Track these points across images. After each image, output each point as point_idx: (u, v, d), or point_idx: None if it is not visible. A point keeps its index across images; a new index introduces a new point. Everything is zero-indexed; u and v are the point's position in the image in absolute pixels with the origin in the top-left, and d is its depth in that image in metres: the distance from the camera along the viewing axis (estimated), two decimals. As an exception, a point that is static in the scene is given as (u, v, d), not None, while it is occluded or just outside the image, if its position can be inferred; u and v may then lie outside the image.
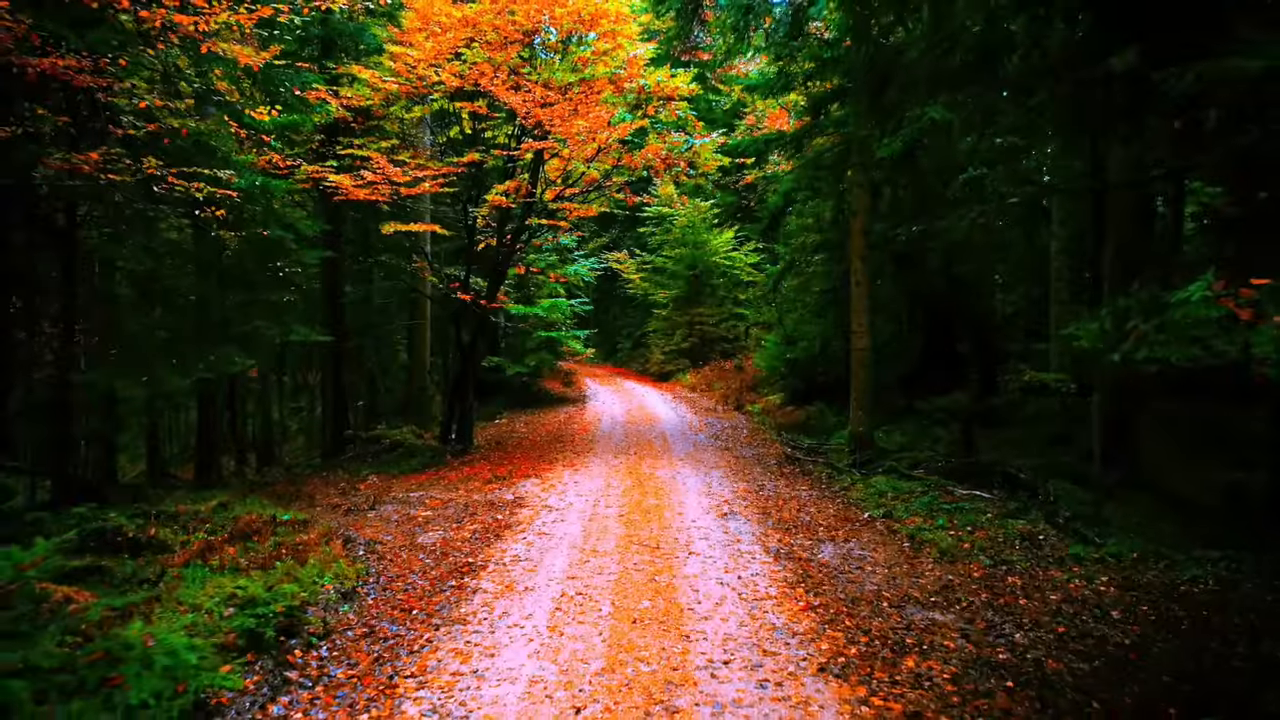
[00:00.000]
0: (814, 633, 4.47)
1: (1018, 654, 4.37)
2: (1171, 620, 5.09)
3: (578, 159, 11.96)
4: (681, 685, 3.74)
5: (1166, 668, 4.33)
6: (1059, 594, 5.47)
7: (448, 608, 4.94)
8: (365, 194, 10.20)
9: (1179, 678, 4.20)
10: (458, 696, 3.65)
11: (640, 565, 5.74)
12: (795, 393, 15.43)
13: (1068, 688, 3.99)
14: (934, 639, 4.51)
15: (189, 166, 7.55)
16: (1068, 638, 4.67)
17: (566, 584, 5.32)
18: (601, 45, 11.35)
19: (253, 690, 3.58)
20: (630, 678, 3.82)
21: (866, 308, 10.41)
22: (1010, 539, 6.75)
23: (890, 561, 6.09)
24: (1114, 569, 6.12)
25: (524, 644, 4.28)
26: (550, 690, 3.69)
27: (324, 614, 4.67)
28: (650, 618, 4.65)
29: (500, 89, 10.61)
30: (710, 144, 12.22)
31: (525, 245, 14.10)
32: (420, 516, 7.82)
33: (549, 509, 7.72)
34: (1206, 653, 4.58)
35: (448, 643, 4.34)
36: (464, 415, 12.98)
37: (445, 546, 6.58)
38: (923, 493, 8.22)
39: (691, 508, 7.62)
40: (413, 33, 11.08)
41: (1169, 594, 5.60)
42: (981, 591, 5.44)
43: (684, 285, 22.60)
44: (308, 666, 4.00)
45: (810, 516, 7.48)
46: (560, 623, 4.58)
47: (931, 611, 5.01)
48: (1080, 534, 7.02)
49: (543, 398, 19.41)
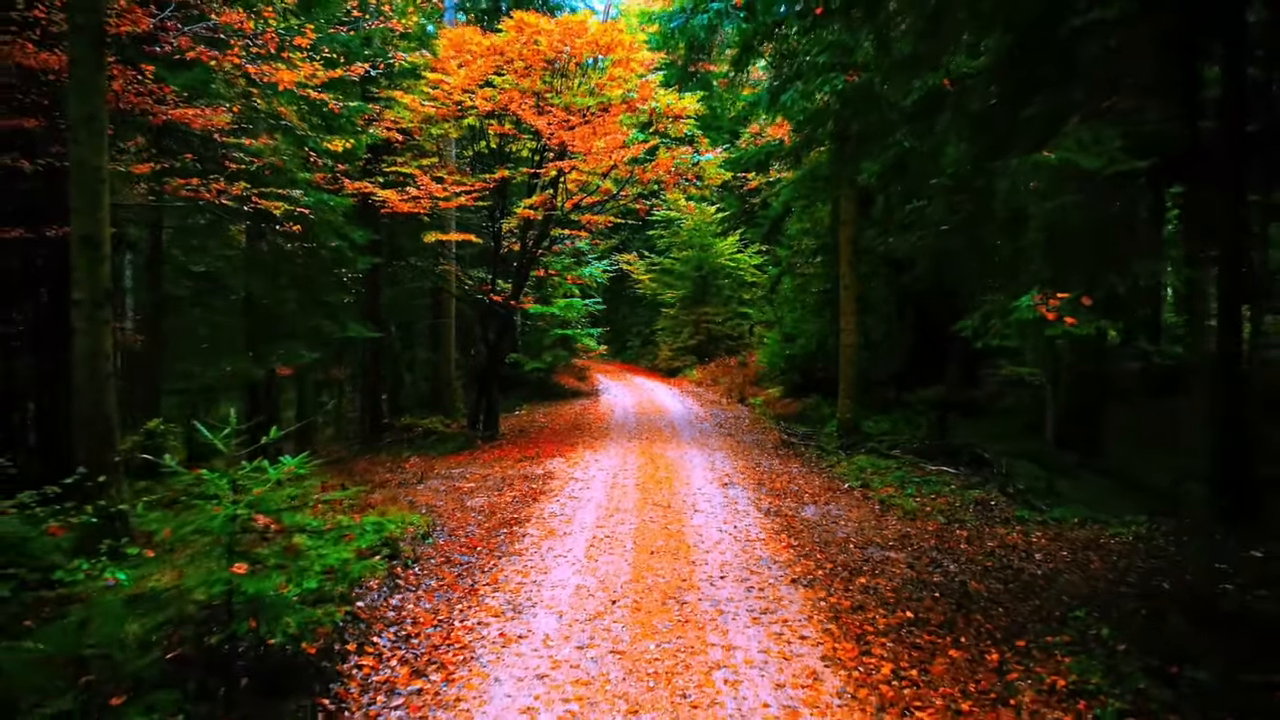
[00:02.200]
0: (791, 561, 5.77)
1: (949, 578, 5.65)
2: (1084, 562, 6.34)
3: (595, 173, 13.25)
4: (688, 589, 5.05)
5: (1065, 590, 5.59)
6: (996, 542, 6.73)
7: (504, 545, 6.26)
8: (409, 207, 11.55)
9: (1073, 597, 5.45)
10: (524, 595, 4.98)
11: (654, 519, 7.05)
12: (793, 386, 16.65)
13: (982, 599, 5.26)
14: (885, 567, 5.80)
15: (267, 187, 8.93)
16: (993, 569, 5.94)
17: (596, 530, 6.64)
18: (616, 72, 12.63)
19: (376, 589, 4.92)
20: (650, 585, 5.13)
21: (854, 309, 11.65)
22: (966, 504, 8.02)
23: (861, 519, 7.38)
24: (1050, 528, 7.34)
25: (568, 566, 5.60)
26: (592, 591, 5.01)
27: (410, 547, 6.00)
28: (664, 551, 5.97)
29: (527, 112, 11.92)
30: (715, 159, 13.49)
31: (546, 251, 15.40)
32: (465, 487, 9.15)
33: (575, 480, 9.04)
34: (1101, 581, 5.83)
35: (509, 565, 5.67)
36: (490, 405, 14.31)
37: (491, 508, 7.91)
38: (897, 469, 9.49)
39: (697, 479, 8.92)
40: (446, 60, 12.40)
41: (1090, 545, 6.83)
42: (932, 540, 6.71)
43: (691, 286, 23.87)
44: (409, 578, 5.33)
45: (798, 487, 8.76)
46: (595, 554, 5.90)
47: (888, 551, 6.29)
48: (1030, 503, 8.26)
49: (558, 392, 20.73)
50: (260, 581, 3.00)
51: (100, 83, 5.94)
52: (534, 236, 13.91)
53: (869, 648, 4.20)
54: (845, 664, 3.97)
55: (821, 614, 4.69)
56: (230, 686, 3.17)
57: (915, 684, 3.77)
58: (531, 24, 12.03)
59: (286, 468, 3.43)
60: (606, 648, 4.13)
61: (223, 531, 3.03)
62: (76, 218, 5.84)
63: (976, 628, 4.66)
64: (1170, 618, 4.75)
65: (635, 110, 12.99)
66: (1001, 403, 14.12)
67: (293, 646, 3.48)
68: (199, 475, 3.22)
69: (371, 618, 4.54)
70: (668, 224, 24.68)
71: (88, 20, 5.79)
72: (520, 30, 12.02)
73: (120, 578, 2.99)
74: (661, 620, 4.51)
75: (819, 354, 16.59)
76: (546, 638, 4.29)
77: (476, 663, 3.98)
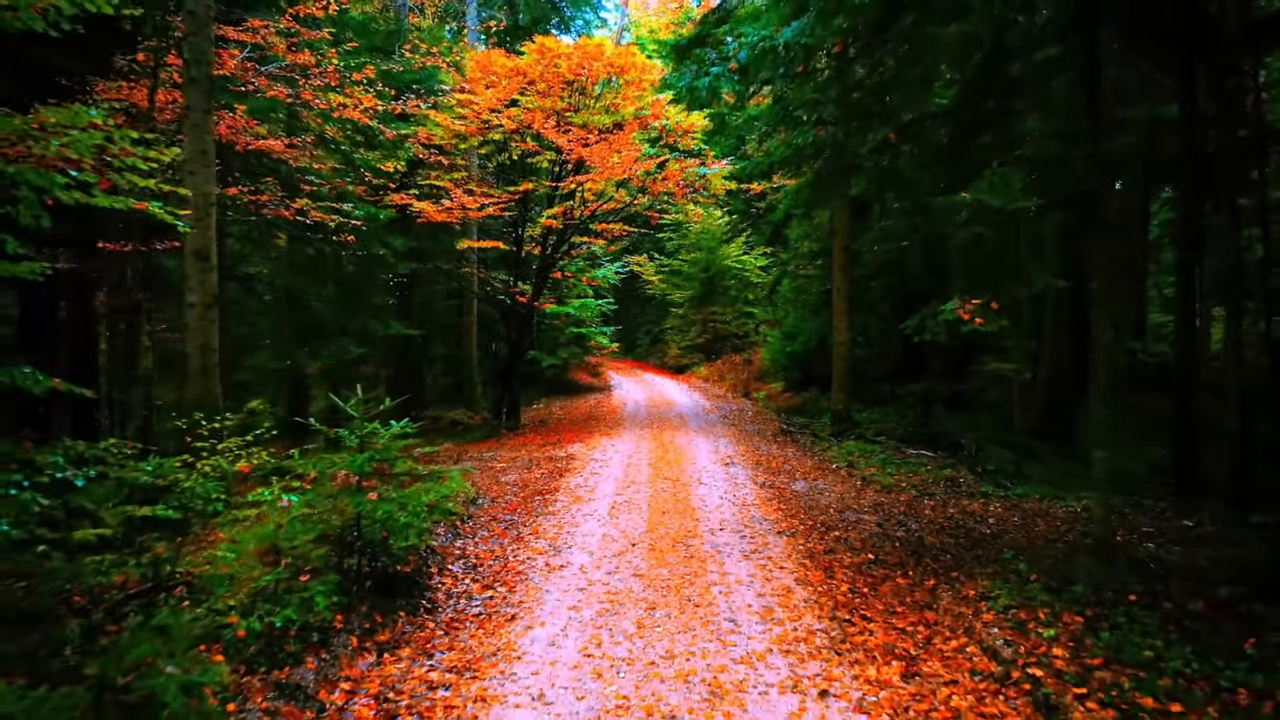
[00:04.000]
0: (778, 520, 6.96)
1: (910, 533, 6.82)
2: (1030, 526, 7.47)
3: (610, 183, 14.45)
4: (692, 537, 6.26)
5: (1007, 545, 6.73)
6: (957, 509, 7.88)
7: (540, 508, 7.49)
8: (443, 216, 12.79)
9: (1011, 548, 6.60)
10: (561, 540, 6.20)
11: (665, 489, 8.26)
12: (794, 381, 17.81)
13: (934, 548, 6.43)
14: (857, 526, 6.98)
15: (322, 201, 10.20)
16: (949, 529, 7.10)
17: (616, 497, 7.85)
18: (630, 92, 13.82)
19: (443, 534, 6.15)
20: (662, 534, 6.34)
21: (846, 310, 12.79)
22: (938, 481, 9.18)
23: (843, 491, 8.55)
24: (1010, 502, 8.45)
25: (595, 522, 6.82)
26: (615, 538, 6.23)
27: (463, 508, 7.23)
28: (673, 511, 7.17)
29: (549, 130, 13.14)
30: (720, 172, 14.66)
31: (564, 255, 16.63)
32: (497, 467, 10.38)
33: (594, 460, 10.26)
34: (1040, 540, 6.97)
35: (545, 522, 6.89)
36: (512, 398, 15.56)
37: (523, 482, 9.13)
38: (881, 453, 10.65)
39: (702, 460, 10.12)
40: (475, 81, 13.63)
41: (1040, 514, 7.96)
42: (902, 507, 7.87)
43: (699, 286, 25.05)
44: (466, 530, 6.57)
45: (792, 467, 9.94)
46: (616, 514, 7.12)
47: (862, 515, 7.47)
48: (997, 482, 9.38)
49: (573, 387, 21.97)
50: (384, 506, 4.22)
51: (209, 123, 7.21)
52: (553, 243, 15.13)
53: (833, 575, 5.39)
54: (813, 584, 5.16)
55: (799, 554, 5.89)
56: (361, 585, 4.40)
57: (864, 596, 4.95)
58: (552, 48, 13.25)
59: (395, 430, 4.66)
60: (629, 572, 5.34)
61: (358, 470, 4.25)
62: (190, 236, 7.10)
63: (924, 566, 5.83)
64: (1079, 558, 5.90)
65: (647, 127, 14.18)
66: (986, 396, 15.24)
67: (392, 566, 4.72)
68: (337, 432, 4.45)
69: (444, 554, 5.77)
70: (677, 227, 25.86)
71: (200, 73, 7.06)
72: (542, 54, 13.23)
73: (293, 500, 4.20)
74: (672, 556, 5.72)
75: (818, 351, 17.72)
76: (582, 567, 5.50)
77: (530, 582, 5.20)
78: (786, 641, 4.13)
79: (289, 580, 3.78)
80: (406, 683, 3.66)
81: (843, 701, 3.47)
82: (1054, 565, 5.61)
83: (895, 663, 3.88)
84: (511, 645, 4.11)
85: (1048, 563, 5.72)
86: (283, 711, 3.20)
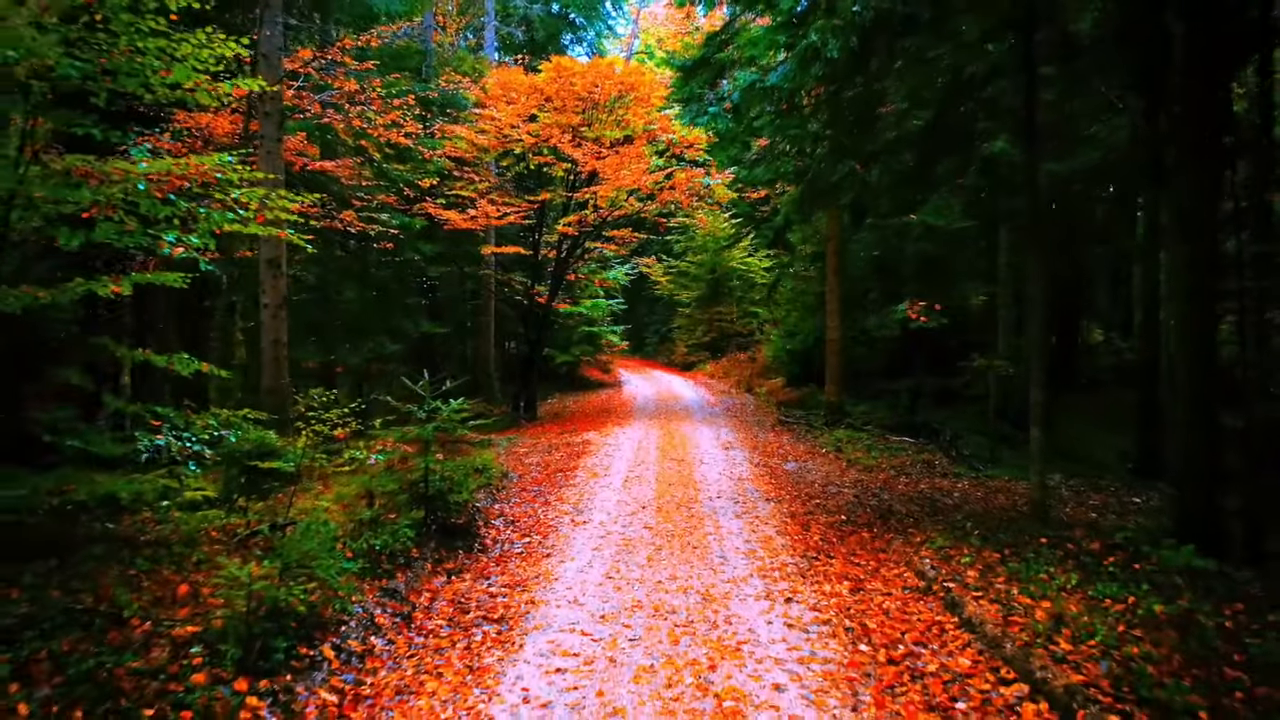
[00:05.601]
0: (768, 491, 8.09)
1: (881, 503, 7.93)
2: (990, 499, 8.53)
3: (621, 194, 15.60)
4: (693, 503, 7.40)
5: (965, 511, 7.82)
6: (929, 485, 8.97)
7: (563, 482, 8.66)
8: (468, 224, 13.99)
9: (968, 516, 7.68)
10: (583, 504, 7.37)
11: (671, 468, 9.40)
12: (794, 377, 18.89)
13: (900, 514, 7.53)
14: (836, 497, 8.09)
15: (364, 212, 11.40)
16: (916, 500, 8.19)
17: (628, 474, 9.00)
18: (639, 109, 14.96)
19: (483, 498, 7.33)
20: (667, 500, 7.49)
21: (839, 309, 13.83)
22: (915, 463, 10.26)
23: (829, 471, 9.66)
24: (978, 480, 9.50)
25: (611, 491, 7.98)
26: (628, 503, 7.39)
27: (497, 480, 8.41)
28: (677, 484, 8.32)
29: (565, 145, 14.30)
30: (724, 182, 15.79)
31: (578, 259, 17.80)
32: (520, 451, 11.55)
33: (608, 445, 11.42)
34: (996, 510, 8.05)
35: (569, 491, 8.06)
36: (530, 392, 16.74)
37: (545, 463, 10.29)
38: (868, 439, 11.74)
39: (705, 444, 11.26)
40: (495, 99, 14.80)
41: (1002, 490, 9.01)
42: (879, 483, 8.97)
43: (705, 287, 26.16)
44: (501, 496, 7.74)
45: (785, 451, 11.06)
46: (628, 485, 8.28)
47: (842, 488, 8.58)
48: (971, 465, 10.44)
49: (585, 383, 23.15)
50: (447, 464, 5.39)
51: (281, 149, 8.42)
52: (568, 247, 16.29)
53: (809, 530, 6.52)
54: (790, 535, 6.30)
55: (782, 514, 7.02)
56: (428, 528, 5.58)
57: (832, 544, 6.08)
58: (568, 67, 14.42)
59: (455, 405, 5.83)
60: (640, 525, 6.49)
61: (428, 437, 5.41)
62: (263, 245, 8.30)
63: (889, 526, 6.94)
64: (1020, 521, 6.99)
65: (655, 140, 15.33)
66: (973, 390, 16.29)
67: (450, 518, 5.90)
68: (408, 407, 5.62)
69: (487, 514, 6.95)
70: (684, 230, 26.97)
71: (274, 108, 8.27)
72: (559, 72, 14.40)
73: (380, 459, 5.36)
74: (676, 515, 6.87)
75: (816, 349, 18.81)
76: (601, 522, 6.67)
77: (560, 532, 6.37)
78: (765, 570, 5.27)
79: (381, 516, 4.95)
80: (472, 594, 4.83)
81: (803, 605, 4.60)
82: (996, 525, 6.71)
83: (847, 583, 5.01)
84: (550, 572, 5.27)
85: (992, 523, 6.82)
86: (388, 605, 4.37)
